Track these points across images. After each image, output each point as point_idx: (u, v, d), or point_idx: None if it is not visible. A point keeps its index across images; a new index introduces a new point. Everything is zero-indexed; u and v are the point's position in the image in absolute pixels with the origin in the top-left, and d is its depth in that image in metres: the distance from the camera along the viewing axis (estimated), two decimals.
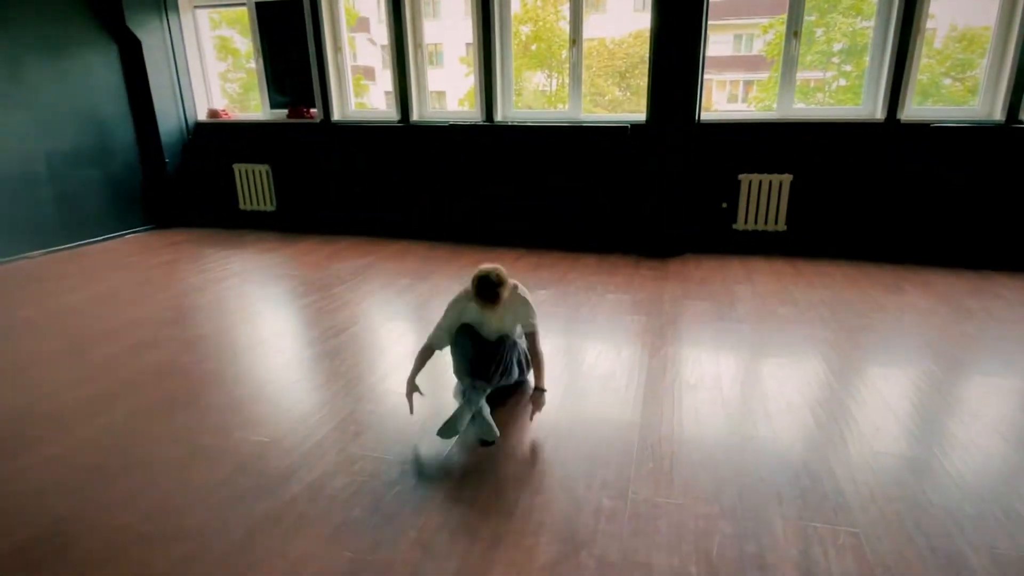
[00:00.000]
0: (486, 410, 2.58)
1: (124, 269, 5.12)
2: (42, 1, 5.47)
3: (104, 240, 6.12)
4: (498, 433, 2.50)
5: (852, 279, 4.66)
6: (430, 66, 6.34)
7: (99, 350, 3.42)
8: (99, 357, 3.32)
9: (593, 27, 18.33)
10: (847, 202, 5.27)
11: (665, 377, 3.03)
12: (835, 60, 14.72)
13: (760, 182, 5.40)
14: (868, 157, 5.14)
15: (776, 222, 5.44)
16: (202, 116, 6.94)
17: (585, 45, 5.77)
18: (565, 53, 5.78)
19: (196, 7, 6.75)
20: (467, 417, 2.51)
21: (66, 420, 2.68)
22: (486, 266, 2.63)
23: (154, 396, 2.91)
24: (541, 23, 18.04)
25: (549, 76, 18.95)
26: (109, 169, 6.17)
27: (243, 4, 6.55)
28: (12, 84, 5.28)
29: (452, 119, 6.13)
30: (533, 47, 18.22)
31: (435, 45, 20.30)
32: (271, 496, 2.13)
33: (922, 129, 4.98)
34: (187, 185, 6.91)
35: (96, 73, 6.02)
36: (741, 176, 5.43)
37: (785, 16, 5.34)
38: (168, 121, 6.60)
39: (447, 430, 2.46)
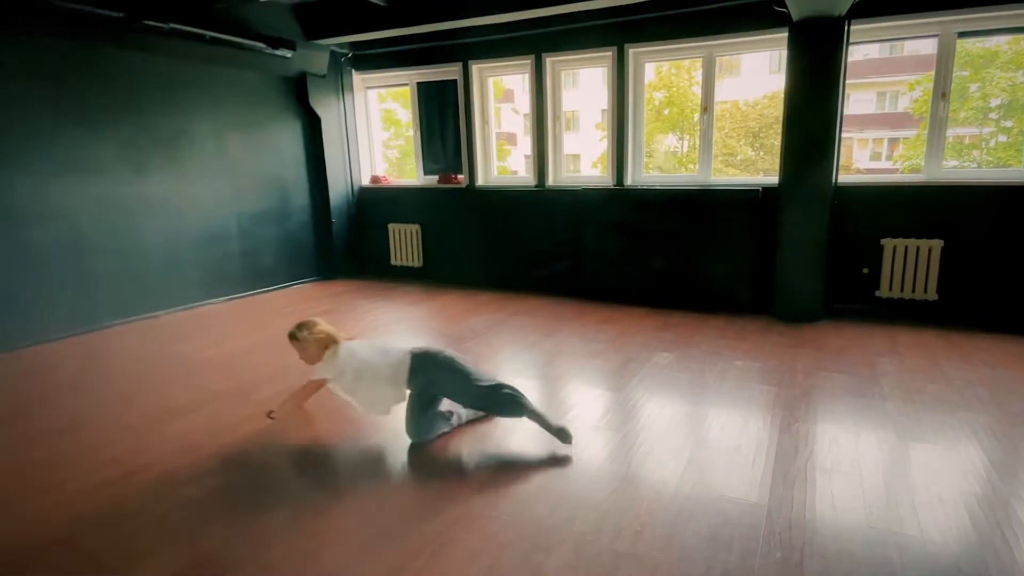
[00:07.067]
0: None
1: (291, 316, 5.57)
2: (246, 85, 6.27)
3: (277, 289, 6.73)
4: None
5: (1016, 356, 4.01)
6: (566, 131, 6.48)
7: (261, 391, 3.68)
8: (261, 398, 3.56)
9: (727, 90, 17.90)
10: (1010, 271, 4.61)
11: (797, 456, 2.73)
12: (993, 116, 13.24)
13: (906, 247, 4.89)
14: None
15: (925, 290, 4.87)
16: (366, 181, 7.54)
17: (717, 108, 5.63)
18: (697, 117, 5.66)
19: (368, 88, 7.43)
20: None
21: (227, 456, 2.89)
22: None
23: (301, 440, 3.06)
24: (675, 89, 17.95)
25: (680, 138, 18.70)
26: (286, 228, 6.84)
27: (406, 84, 7.13)
28: (217, 156, 6.05)
29: (585, 183, 6.18)
30: (666, 111, 18.13)
31: (572, 112, 20.83)
32: (396, 547, 2.15)
33: None
34: (349, 242, 7.48)
35: (283, 146, 6.75)
36: (884, 241, 4.95)
37: (932, 75, 4.89)
38: (337, 186, 7.23)
39: None
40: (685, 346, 4.38)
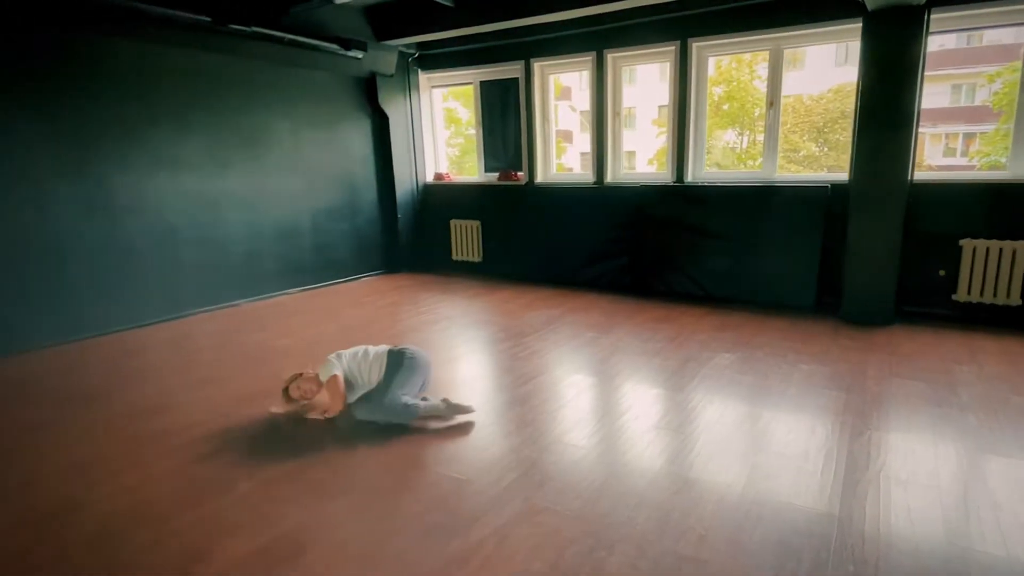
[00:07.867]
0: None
1: (359, 307, 5.72)
2: (321, 86, 6.43)
3: (345, 281, 6.90)
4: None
5: None
6: (624, 128, 6.37)
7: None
8: None
9: (790, 84, 17.14)
10: None
11: (869, 466, 2.59)
12: None
13: (987, 249, 4.57)
14: None
15: (1008, 294, 4.54)
16: (429, 178, 7.62)
17: (781, 102, 5.40)
18: (758, 111, 5.46)
19: (433, 87, 7.50)
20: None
21: (301, 441, 2.98)
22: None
23: (371, 430, 3.10)
24: (735, 83, 17.34)
25: (740, 134, 18.08)
26: (355, 223, 7.00)
27: (470, 83, 7.15)
28: (294, 154, 6.24)
29: (643, 180, 6.06)
30: (725, 107, 17.55)
31: (629, 109, 20.41)
32: (461, 536, 2.17)
33: None
34: (413, 237, 7.59)
35: (353, 144, 6.90)
36: (963, 242, 4.64)
37: (1019, 64, 4.54)
38: (403, 183, 7.34)
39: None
40: (747, 347, 4.24)
